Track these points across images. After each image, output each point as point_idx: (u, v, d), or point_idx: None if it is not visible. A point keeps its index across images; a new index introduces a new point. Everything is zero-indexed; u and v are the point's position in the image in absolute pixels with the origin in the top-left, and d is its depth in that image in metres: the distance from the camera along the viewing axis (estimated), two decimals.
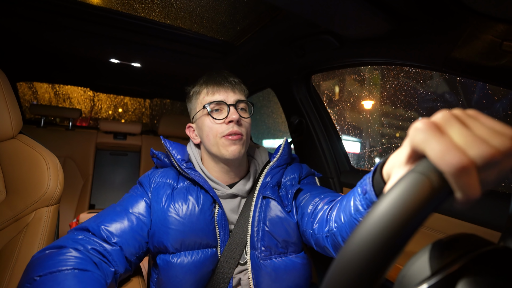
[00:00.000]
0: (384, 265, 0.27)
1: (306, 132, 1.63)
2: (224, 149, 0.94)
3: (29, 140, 1.03)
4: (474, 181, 0.28)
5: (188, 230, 0.89)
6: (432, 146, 0.30)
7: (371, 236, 0.27)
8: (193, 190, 0.95)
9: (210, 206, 0.94)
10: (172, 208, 0.90)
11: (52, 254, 0.75)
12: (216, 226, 0.94)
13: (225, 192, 0.99)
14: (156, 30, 1.42)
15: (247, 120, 0.99)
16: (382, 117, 6.49)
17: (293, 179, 1.07)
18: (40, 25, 1.39)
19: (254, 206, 0.99)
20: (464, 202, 0.29)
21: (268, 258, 0.94)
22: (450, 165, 0.28)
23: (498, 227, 0.82)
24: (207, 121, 0.96)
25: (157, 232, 0.89)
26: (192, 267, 0.88)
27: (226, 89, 0.97)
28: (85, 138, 2.76)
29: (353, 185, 1.43)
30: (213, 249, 0.93)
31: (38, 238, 0.93)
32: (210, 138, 0.95)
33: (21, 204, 0.95)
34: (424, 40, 0.90)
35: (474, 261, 0.31)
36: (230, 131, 0.93)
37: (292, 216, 0.98)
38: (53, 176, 0.98)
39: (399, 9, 0.85)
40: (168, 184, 0.97)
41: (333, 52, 1.24)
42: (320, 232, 0.81)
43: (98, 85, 2.70)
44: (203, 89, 0.99)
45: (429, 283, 0.30)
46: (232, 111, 0.94)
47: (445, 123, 0.32)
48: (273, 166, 1.05)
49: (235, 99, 0.97)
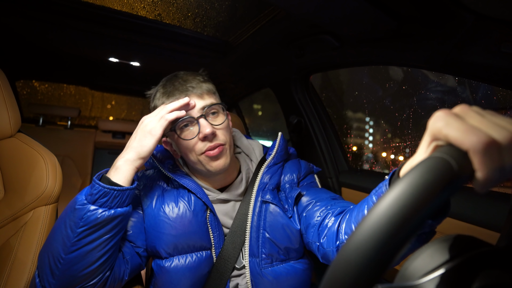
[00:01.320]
0: (397, 250, 0.27)
1: (305, 132, 1.63)
2: (208, 165, 0.86)
3: (27, 139, 1.02)
4: (496, 159, 0.29)
5: (180, 233, 0.86)
6: (455, 127, 0.30)
7: (388, 217, 0.26)
8: (184, 192, 0.91)
9: (202, 208, 0.90)
10: (163, 211, 0.87)
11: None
12: (210, 228, 0.90)
13: (216, 197, 0.93)
14: (155, 30, 1.42)
15: (222, 125, 0.87)
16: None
17: (291, 181, 0.99)
18: (40, 24, 1.39)
19: (252, 211, 0.92)
20: (484, 184, 0.29)
21: (270, 265, 0.90)
22: (475, 141, 0.28)
23: (497, 228, 0.82)
24: (179, 140, 0.86)
25: (150, 236, 0.87)
26: (186, 271, 0.86)
27: (190, 97, 0.84)
28: (84, 137, 2.75)
29: (352, 185, 1.43)
30: (207, 252, 0.89)
31: (36, 237, 0.93)
32: (189, 157, 0.87)
33: (19, 202, 0.95)
34: (423, 40, 0.90)
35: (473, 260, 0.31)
36: (207, 147, 0.83)
37: (294, 222, 0.92)
38: (52, 175, 0.97)
39: (398, 9, 0.85)
40: (159, 186, 0.93)
41: (332, 52, 1.24)
42: (330, 246, 0.77)
43: (97, 84, 2.70)
44: (161, 104, 0.86)
45: (431, 275, 0.31)
46: (203, 125, 0.82)
47: (465, 113, 0.32)
48: (270, 164, 0.98)
49: (202, 106, 0.84)
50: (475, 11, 0.71)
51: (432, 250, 0.33)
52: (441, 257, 0.32)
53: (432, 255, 0.33)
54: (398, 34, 0.95)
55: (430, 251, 0.33)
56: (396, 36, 0.96)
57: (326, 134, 1.59)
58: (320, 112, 1.61)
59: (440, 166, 0.28)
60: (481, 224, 0.87)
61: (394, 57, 1.05)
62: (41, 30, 1.47)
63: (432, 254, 0.33)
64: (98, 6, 1.26)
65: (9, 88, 1.00)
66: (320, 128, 1.59)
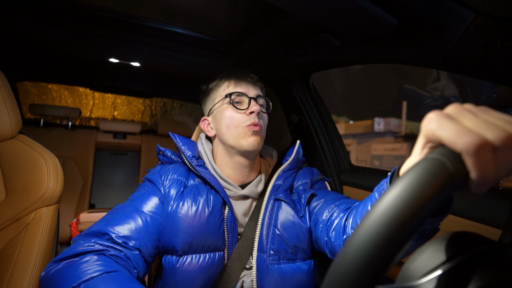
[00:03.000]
0: (396, 250, 0.27)
1: (306, 131, 1.63)
2: (243, 140, 0.93)
3: (28, 140, 1.02)
4: (489, 160, 0.28)
5: (197, 232, 0.86)
6: (447, 129, 0.30)
7: (386, 219, 0.27)
8: (203, 190, 0.92)
9: (221, 208, 0.91)
10: (182, 208, 0.87)
11: (74, 263, 0.71)
12: (226, 229, 0.91)
13: (237, 193, 0.96)
14: (155, 30, 1.42)
15: (265, 115, 1.01)
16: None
17: (305, 183, 1.05)
18: (39, 25, 1.39)
19: (265, 207, 0.95)
20: (479, 185, 0.29)
21: (276, 262, 0.91)
22: (467, 143, 0.28)
23: (499, 225, 0.82)
24: (228, 111, 0.96)
25: (167, 232, 0.86)
26: (199, 272, 0.86)
27: (247, 83, 0.99)
28: (85, 138, 2.76)
29: (353, 183, 1.43)
30: (220, 253, 0.90)
31: (38, 238, 0.93)
32: (230, 128, 0.94)
33: (21, 204, 0.95)
34: (423, 38, 0.89)
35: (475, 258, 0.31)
36: (252, 121, 0.93)
37: (305, 221, 0.95)
38: (53, 176, 0.97)
39: (398, 7, 0.85)
40: (180, 181, 0.93)
41: (333, 51, 1.24)
42: (337, 239, 0.81)
43: (97, 84, 2.70)
44: (223, 83, 1.01)
45: (432, 275, 0.30)
46: (253, 103, 0.95)
47: (457, 113, 0.32)
48: (285, 169, 1.03)
49: (256, 93, 0.99)
50: (475, 8, 0.71)
51: (433, 249, 0.33)
52: (443, 256, 0.32)
53: (433, 254, 0.33)
54: (398, 32, 0.94)
55: (431, 250, 0.33)
56: (397, 34, 0.96)
57: (327, 132, 1.59)
58: (321, 110, 1.61)
59: (435, 168, 0.28)
60: (482, 221, 0.87)
61: (394, 55, 1.04)
62: (40, 31, 1.47)
63: (433, 253, 0.33)
64: (98, 6, 1.26)
65: (9, 89, 1.00)
66: (321, 126, 1.59)
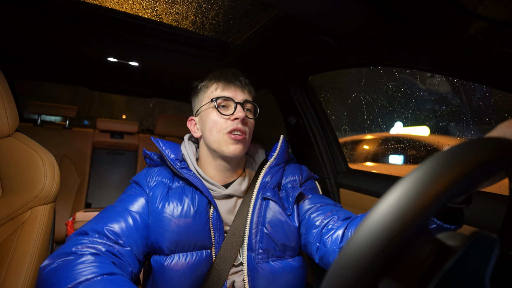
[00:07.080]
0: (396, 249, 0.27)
1: (303, 133, 1.63)
2: (225, 147, 0.93)
3: (25, 138, 1.02)
4: None
5: (183, 231, 0.88)
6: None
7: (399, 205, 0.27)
8: (188, 190, 0.93)
9: (206, 207, 0.92)
10: (167, 208, 0.89)
11: (69, 262, 0.70)
12: (211, 227, 0.93)
13: (221, 193, 0.97)
14: (154, 30, 1.42)
15: (251, 120, 1.00)
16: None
17: (293, 181, 1.05)
18: (39, 23, 1.39)
19: (253, 206, 0.96)
20: None
21: (265, 261, 0.93)
22: None
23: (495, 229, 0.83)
24: (212, 115, 0.95)
25: (154, 232, 0.88)
26: (186, 270, 0.87)
27: (236, 88, 0.97)
28: (82, 137, 2.74)
29: (350, 186, 1.44)
30: (207, 251, 0.91)
31: (34, 237, 0.93)
32: (213, 132, 0.94)
33: (17, 202, 0.94)
34: (422, 42, 0.90)
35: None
36: (234, 127, 0.92)
37: (293, 220, 0.96)
38: (50, 175, 0.97)
39: (398, 10, 0.85)
40: (164, 183, 0.95)
41: (331, 53, 1.25)
42: (333, 246, 0.83)
43: (96, 84, 2.69)
44: (212, 84, 0.99)
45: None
46: (239, 109, 0.94)
47: None
48: (271, 165, 1.03)
49: (243, 98, 0.97)
50: (474, 13, 0.71)
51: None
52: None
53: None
54: (397, 35, 0.95)
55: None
56: (396, 37, 0.96)
57: (325, 135, 1.60)
58: (318, 113, 1.62)
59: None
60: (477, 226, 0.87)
61: (393, 59, 1.05)
62: (40, 29, 1.47)
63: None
64: (98, 6, 1.26)
65: (7, 87, 1.00)
66: (319, 129, 1.60)
